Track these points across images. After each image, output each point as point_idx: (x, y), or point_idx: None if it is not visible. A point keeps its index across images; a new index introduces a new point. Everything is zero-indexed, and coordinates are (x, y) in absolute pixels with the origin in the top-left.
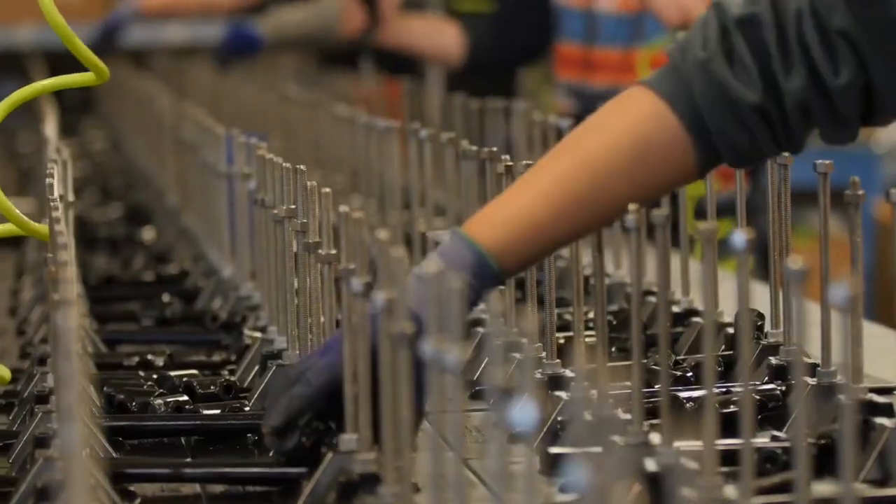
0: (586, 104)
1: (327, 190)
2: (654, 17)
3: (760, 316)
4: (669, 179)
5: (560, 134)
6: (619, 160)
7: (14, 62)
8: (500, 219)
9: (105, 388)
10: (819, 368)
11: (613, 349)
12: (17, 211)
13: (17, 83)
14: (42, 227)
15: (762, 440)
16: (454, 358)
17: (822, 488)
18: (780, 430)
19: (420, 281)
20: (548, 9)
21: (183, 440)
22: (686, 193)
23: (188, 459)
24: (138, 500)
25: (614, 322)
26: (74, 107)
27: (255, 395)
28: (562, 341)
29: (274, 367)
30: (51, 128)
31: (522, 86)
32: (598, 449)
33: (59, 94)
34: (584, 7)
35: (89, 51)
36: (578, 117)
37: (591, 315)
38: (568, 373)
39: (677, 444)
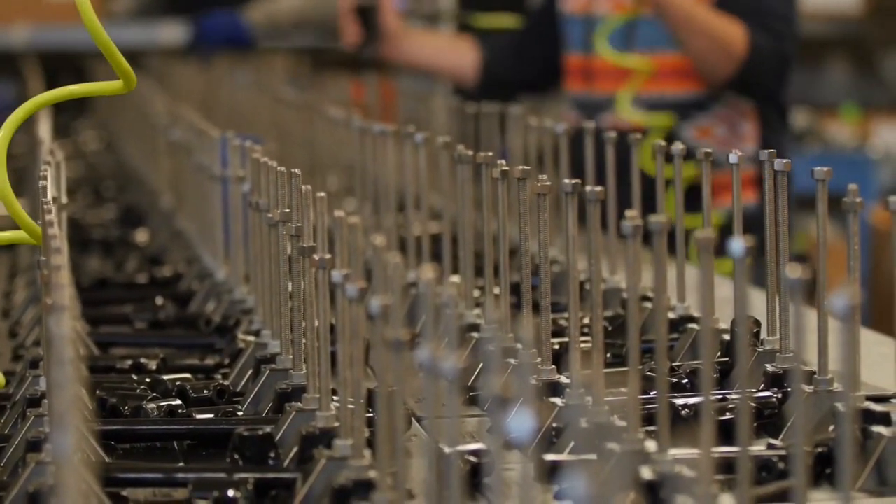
0: (589, 114)
1: (322, 194)
2: (645, 20)
3: (757, 323)
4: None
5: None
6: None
7: (7, 63)
8: None
9: (97, 392)
10: (816, 376)
11: (609, 355)
12: (28, 217)
13: (11, 84)
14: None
15: (759, 448)
16: (450, 364)
17: (820, 496)
18: (776, 438)
19: None
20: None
21: (175, 444)
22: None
23: (181, 464)
24: None
25: (610, 328)
26: (68, 108)
27: (249, 400)
28: (557, 347)
29: (267, 372)
30: (44, 129)
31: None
32: (594, 456)
33: None
34: (584, 12)
35: (122, 58)
36: (581, 129)
37: (586, 321)
38: (563, 379)
39: (673, 451)
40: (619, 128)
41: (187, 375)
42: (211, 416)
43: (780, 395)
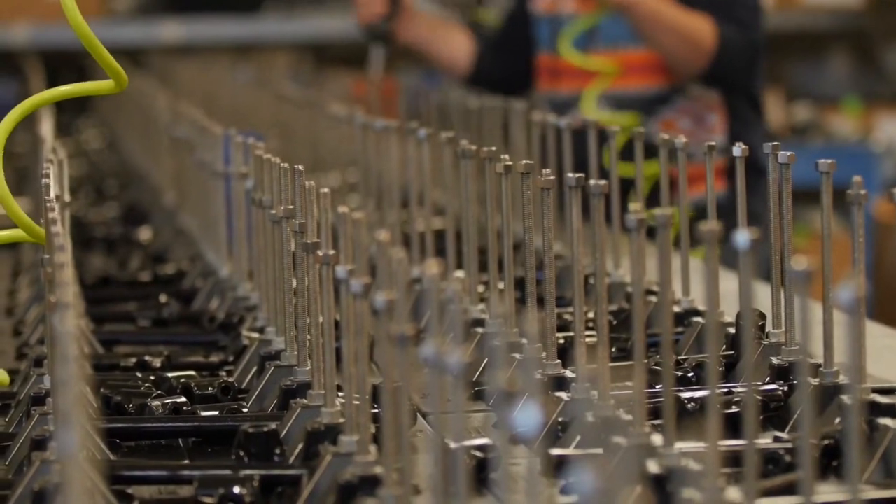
0: (558, 113)
1: (325, 190)
2: (612, 20)
3: (762, 316)
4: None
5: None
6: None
7: (9, 61)
8: None
9: (102, 390)
10: (821, 369)
11: (614, 349)
12: (26, 216)
13: (12, 82)
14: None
15: (765, 441)
16: (455, 359)
17: (827, 489)
18: (782, 430)
19: None
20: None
21: (181, 442)
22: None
23: (186, 461)
24: (136, 503)
25: (615, 322)
26: (70, 106)
27: (253, 397)
28: (562, 342)
29: (272, 369)
30: (47, 127)
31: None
32: (601, 450)
33: None
34: (550, 12)
35: (111, 57)
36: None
37: (591, 315)
38: (569, 374)
39: (680, 445)
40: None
41: (192, 373)
42: (216, 413)
43: (786, 388)
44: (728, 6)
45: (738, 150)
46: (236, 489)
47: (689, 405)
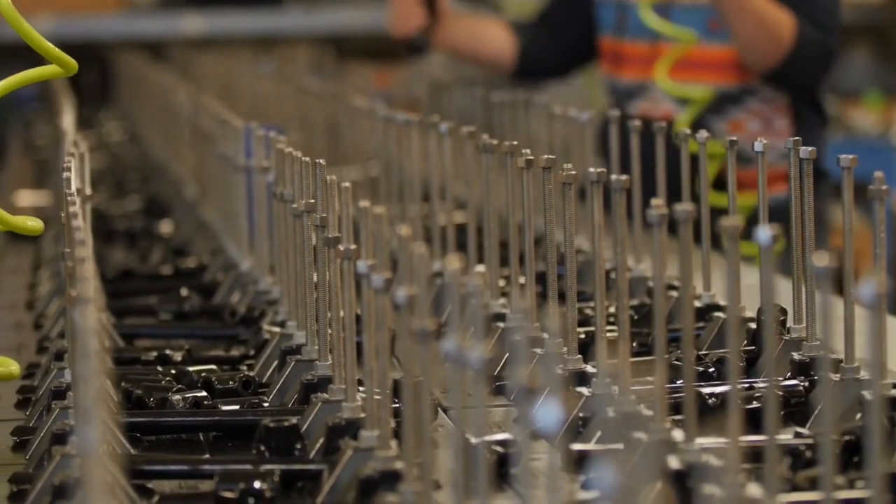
0: (617, 101)
1: (347, 184)
2: (678, 8)
3: (783, 311)
4: None
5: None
6: None
7: (30, 54)
8: None
9: (123, 384)
10: (843, 364)
11: (635, 344)
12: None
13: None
14: (27, 221)
15: (786, 437)
16: (477, 354)
17: (848, 483)
18: (803, 426)
19: None
20: (590, 5)
21: (201, 436)
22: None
23: (206, 456)
24: (156, 497)
25: (636, 317)
26: (92, 99)
27: (274, 391)
28: (583, 337)
29: (293, 363)
30: (68, 120)
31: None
32: (621, 446)
33: (77, 87)
34: None
35: (48, 43)
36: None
37: (612, 310)
38: (590, 369)
39: (701, 440)
40: (649, 116)
41: (213, 367)
42: (237, 407)
43: (807, 384)
44: (811, 7)
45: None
46: (257, 484)
47: (710, 400)
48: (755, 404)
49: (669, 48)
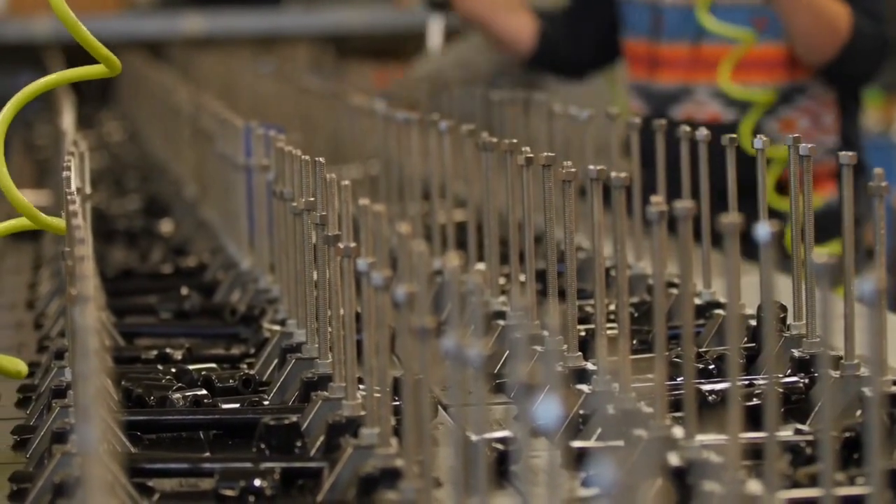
0: (655, 105)
1: (346, 182)
2: (720, 8)
3: (783, 308)
4: None
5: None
6: None
7: (31, 54)
8: None
9: (123, 383)
10: (843, 361)
11: (635, 342)
12: (30, 203)
13: (34, 75)
14: (56, 220)
15: (786, 433)
16: (477, 351)
17: (848, 480)
18: (803, 423)
19: None
20: (615, 6)
21: (202, 434)
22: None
23: (207, 454)
24: (156, 496)
25: (636, 314)
26: (92, 98)
27: (275, 389)
28: (583, 334)
29: (293, 361)
30: (68, 120)
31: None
32: (622, 443)
33: (77, 86)
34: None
35: (99, 43)
36: (647, 119)
37: (612, 307)
38: (590, 366)
39: (701, 437)
40: (693, 119)
41: (213, 365)
42: (237, 405)
43: (807, 381)
44: None
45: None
46: (257, 482)
47: (710, 397)
48: (755, 401)
49: (717, 49)
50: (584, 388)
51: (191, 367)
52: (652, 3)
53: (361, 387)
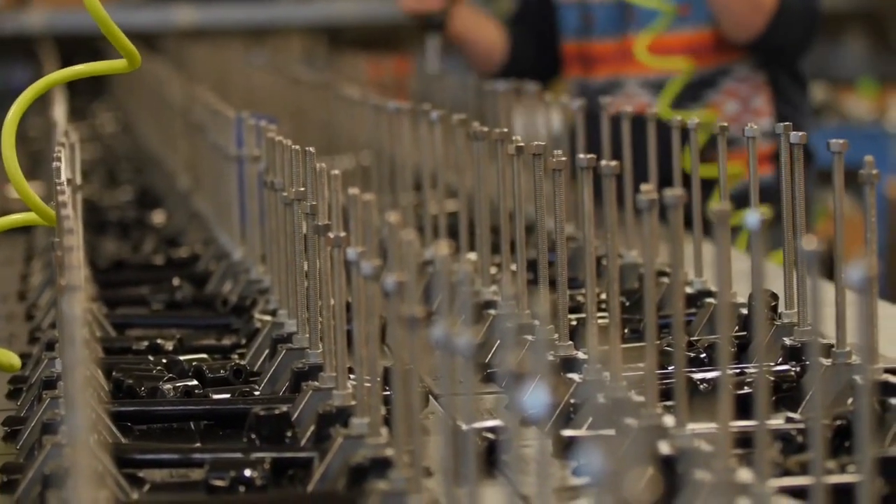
0: (590, 99)
1: (336, 172)
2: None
3: (774, 296)
4: None
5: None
6: None
7: (25, 46)
8: None
9: (114, 373)
10: (834, 349)
11: (626, 331)
12: (38, 198)
13: (28, 67)
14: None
15: (777, 422)
16: (466, 341)
17: (839, 468)
18: (794, 411)
19: None
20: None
21: (192, 425)
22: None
23: (197, 444)
24: (147, 486)
25: (627, 303)
26: (85, 90)
27: (265, 379)
28: (574, 323)
29: (284, 351)
30: (59, 111)
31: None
32: (612, 432)
33: None
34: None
35: (124, 37)
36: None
37: (603, 296)
38: (581, 355)
39: (691, 426)
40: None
41: (204, 356)
42: (227, 396)
43: (798, 369)
44: None
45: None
46: (248, 472)
47: (701, 386)
48: (746, 390)
49: (638, 39)
50: (575, 377)
51: (182, 357)
52: (581, 1)
53: (352, 377)
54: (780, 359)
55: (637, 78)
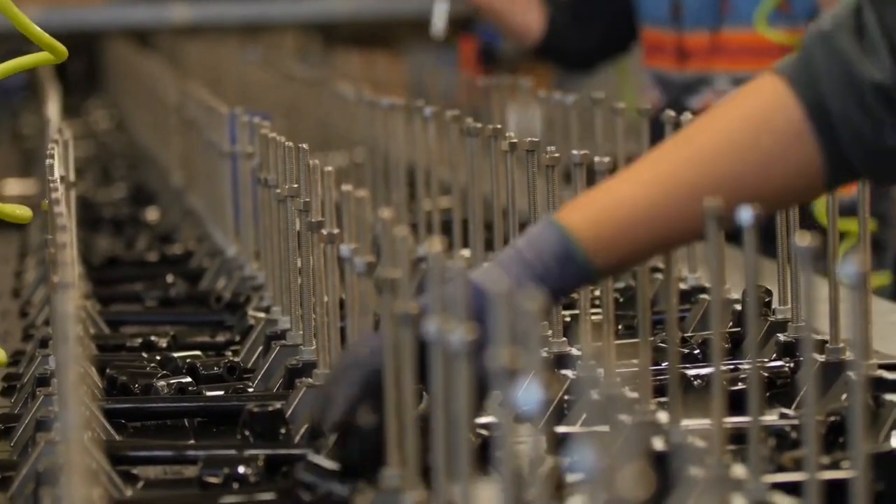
0: (673, 95)
1: (329, 168)
2: None
3: (768, 292)
4: (789, 178)
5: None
6: (729, 147)
7: (18, 44)
8: (594, 206)
9: (108, 370)
10: (827, 345)
11: (620, 327)
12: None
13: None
14: (20, 210)
15: (771, 418)
16: (460, 339)
17: (832, 464)
18: (788, 407)
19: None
20: None
21: (186, 422)
22: None
23: (191, 441)
24: (141, 483)
25: (621, 300)
26: (79, 87)
27: (259, 376)
28: (568, 319)
29: (278, 348)
30: (53, 108)
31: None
32: (606, 428)
33: (64, 75)
34: None
35: (39, 29)
36: (662, 110)
37: (597, 293)
38: (574, 351)
39: (685, 422)
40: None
41: (198, 353)
42: (221, 392)
43: (792, 365)
44: None
45: None
46: (241, 469)
47: (694, 382)
48: (740, 386)
49: (736, 36)
50: (569, 373)
51: (175, 354)
52: None
53: None
54: (774, 355)
55: (728, 74)
